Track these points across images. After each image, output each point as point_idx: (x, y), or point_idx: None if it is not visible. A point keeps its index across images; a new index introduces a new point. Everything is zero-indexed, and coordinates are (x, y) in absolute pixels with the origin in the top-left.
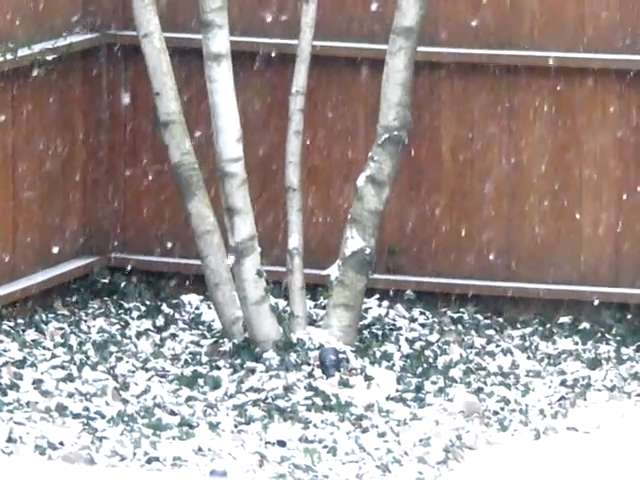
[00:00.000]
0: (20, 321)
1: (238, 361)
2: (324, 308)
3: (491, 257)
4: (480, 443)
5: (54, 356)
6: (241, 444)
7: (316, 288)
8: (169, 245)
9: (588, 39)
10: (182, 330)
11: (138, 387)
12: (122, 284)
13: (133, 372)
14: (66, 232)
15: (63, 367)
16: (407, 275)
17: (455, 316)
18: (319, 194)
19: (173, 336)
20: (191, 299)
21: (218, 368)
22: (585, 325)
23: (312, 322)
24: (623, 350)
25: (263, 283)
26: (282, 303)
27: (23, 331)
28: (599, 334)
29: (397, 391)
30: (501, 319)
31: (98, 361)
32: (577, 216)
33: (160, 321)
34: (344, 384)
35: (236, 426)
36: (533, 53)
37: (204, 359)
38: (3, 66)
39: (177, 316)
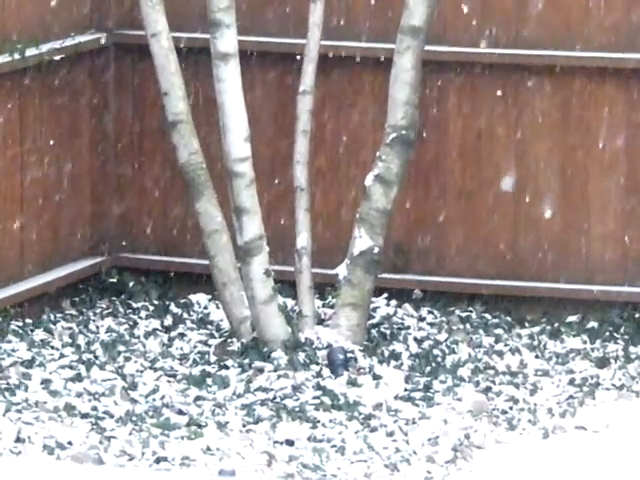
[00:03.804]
0: (28, 321)
1: (246, 360)
2: (332, 307)
3: (499, 256)
4: (488, 442)
5: (62, 356)
6: (249, 443)
7: (324, 287)
8: (177, 245)
9: (594, 38)
10: (190, 330)
11: (146, 387)
12: (130, 284)
13: (141, 372)
14: (74, 232)
15: (71, 367)
16: (415, 274)
17: (463, 315)
18: (327, 193)
19: (181, 336)
20: (199, 299)
21: (226, 368)
22: (593, 324)
23: (320, 321)
24: (631, 349)
25: (271, 282)
26: (290, 302)
27: (31, 331)
28: (607, 333)
29: (405, 390)
30: (509, 318)
31: (106, 361)
32: (585, 215)
33: (168, 321)
34: (352, 383)
35: (244, 425)
36: (541, 52)
37: (212, 359)
38: (11, 66)
39: (185, 316)
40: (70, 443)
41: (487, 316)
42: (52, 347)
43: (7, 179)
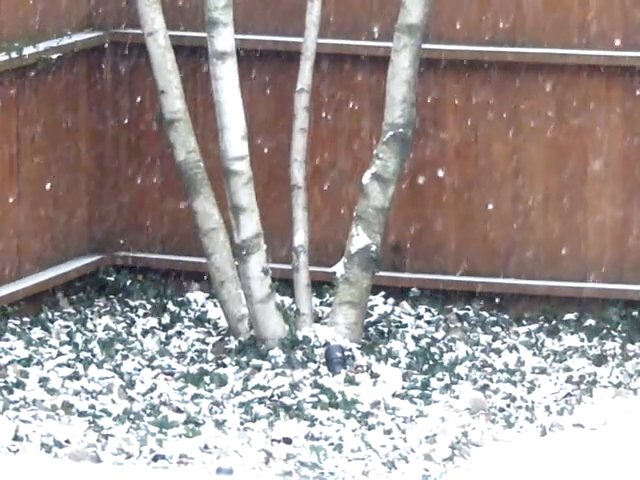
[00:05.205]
0: (26, 319)
1: (244, 359)
2: (330, 305)
3: (496, 254)
4: (486, 440)
5: (60, 354)
6: (247, 441)
7: (322, 285)
8: (174, 243)
9: (591, 36)
10: (188, 328)
11: (144, 385)
12: (128, 282)
13: (139, 370)
14: (72, 230)
15: (69, 365)
16: (413, 272)
17: (461, 313)
18: (325, 191)
19: (179, 334)
20: (197, 297)
21: (224, 366)
22: (591, 322)
23: (318, 319)
24: (629, 347)
25: (269, 281)
26: (288, 300)
27: (29, 329)
28: (605, 331)
29: (403, 388)
30: (507, 316)
31: (104, 359)
32: (582, 213)
33: (166, 319)
34: (350, 381)
35: (242, 423)
36: (537, 50)
37: (210, 357)
38: (8, 64)
39: (183, 314)
40: (68, 441)
41: (484, 314)
42: (50, 345)
43: (5, 178)
